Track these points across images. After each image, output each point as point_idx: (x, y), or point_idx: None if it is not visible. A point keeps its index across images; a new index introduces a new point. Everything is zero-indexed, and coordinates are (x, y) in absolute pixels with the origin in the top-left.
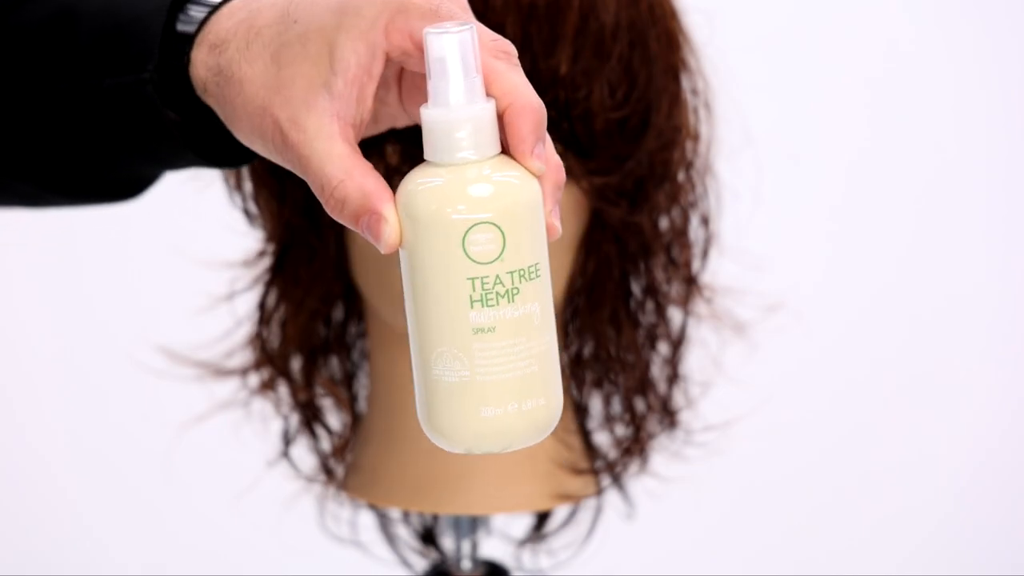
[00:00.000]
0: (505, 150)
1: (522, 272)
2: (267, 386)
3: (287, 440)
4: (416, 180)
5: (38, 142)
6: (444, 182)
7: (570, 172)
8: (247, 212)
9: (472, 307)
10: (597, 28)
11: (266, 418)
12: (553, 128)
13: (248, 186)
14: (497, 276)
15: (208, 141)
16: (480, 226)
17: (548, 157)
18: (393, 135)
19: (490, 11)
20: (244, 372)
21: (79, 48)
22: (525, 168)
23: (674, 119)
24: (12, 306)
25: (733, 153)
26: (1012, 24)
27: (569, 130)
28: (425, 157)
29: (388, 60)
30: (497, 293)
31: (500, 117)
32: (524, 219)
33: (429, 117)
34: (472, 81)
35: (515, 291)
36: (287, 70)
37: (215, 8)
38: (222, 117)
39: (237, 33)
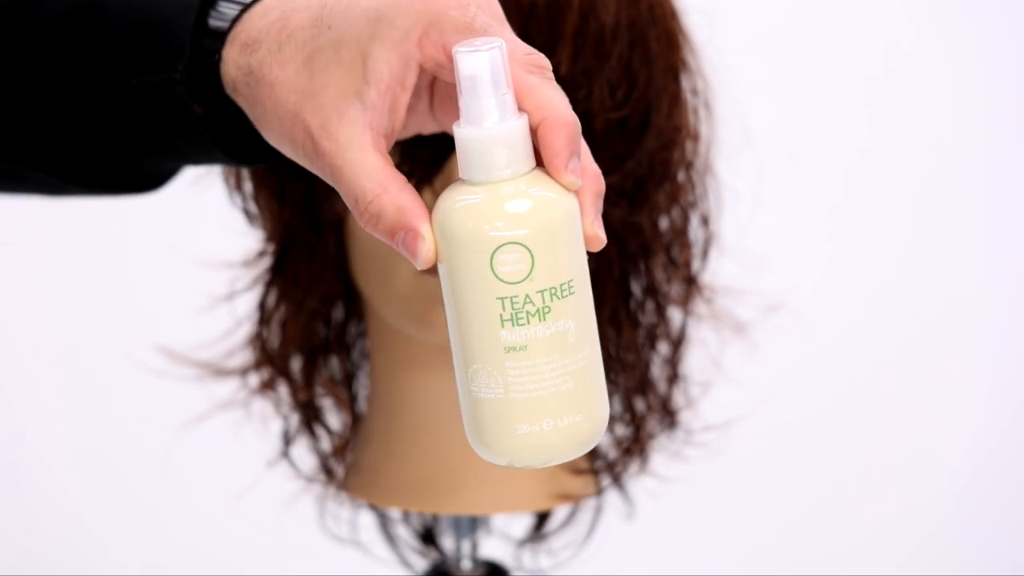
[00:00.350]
0: (541, 164)
1: (553, 290)
2: (267, 386)
3: (287, 440)
4: (454, 197)
5: (59, 135)
6: (479, 200)
7: None
8: (247, 212)
9: (503, 326)
10: (597, 28)
11: (266, 418)
12: None
13: (248, 186)
14: (527, 295)
15: (233, 137)
16: (507, 246)
17: (586, 167)
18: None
19: None
20: (244, 372)
21: (105, 43)
22: (559, 183)
23: (674, 119)
24: (12, 306)
25: (733, 153)
26: (1012, 24)
27: None
28: (460, 175)
29: (421, 71)
30: (527, 312)
31: (534, 132)
32: (557, 236)
33: (462, 136)
34: (503, 98)
35: (546, 310)
36: (320, 76)
37: (247, 6)
38: (251, 117)
39: (269, 34)
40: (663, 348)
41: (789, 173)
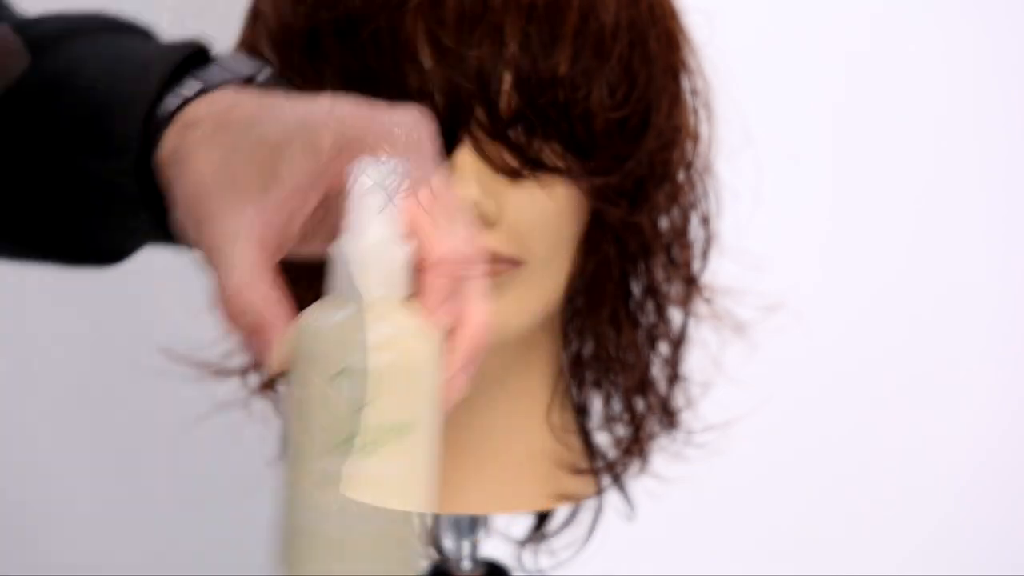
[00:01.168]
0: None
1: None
2: (267, 386)
3: None
4: (316, 313)
5: (19, 205)
6: (338, 319)
7: (570, 172)
8: None
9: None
10: (597, 28)
11: (266, 418)
12: (553, 128)
13: None
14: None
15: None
16: (344, 372)
17: (468, 316)
18: None
19: (490, 11)
20: (244, 372)
21: (62, 125)
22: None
23: (674, 119)
24: (12, 306)
25: (733, 153)
26: (1012, 24)
27: (569, 130)
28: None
29: (332, 189)
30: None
31: (420, 263)
32: (395, 375)
33: (334, 248)
34: (385, 217)
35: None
36: (234, 167)
37: (207, 89)
38: (169, 197)
39: (211, 118)
40: (663, 348)
41: (789, 173)
